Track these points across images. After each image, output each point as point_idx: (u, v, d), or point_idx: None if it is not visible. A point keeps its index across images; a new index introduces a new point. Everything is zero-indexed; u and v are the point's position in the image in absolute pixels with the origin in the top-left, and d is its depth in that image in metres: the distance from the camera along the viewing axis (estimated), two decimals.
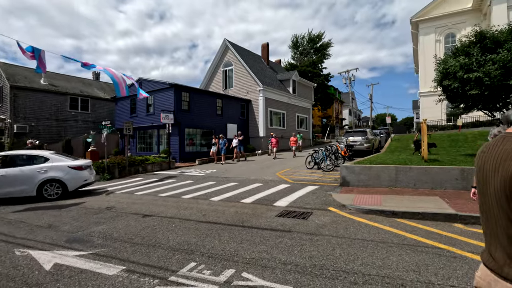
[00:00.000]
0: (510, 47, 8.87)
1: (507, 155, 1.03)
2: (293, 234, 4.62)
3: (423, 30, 30.20)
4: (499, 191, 1.04)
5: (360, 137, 16.84)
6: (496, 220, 1.07)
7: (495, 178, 1.06)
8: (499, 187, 1.03)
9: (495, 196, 1.06)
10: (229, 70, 25.64)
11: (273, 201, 7.12)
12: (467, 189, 7.51)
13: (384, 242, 4.18)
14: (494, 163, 1.08)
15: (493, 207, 1.08)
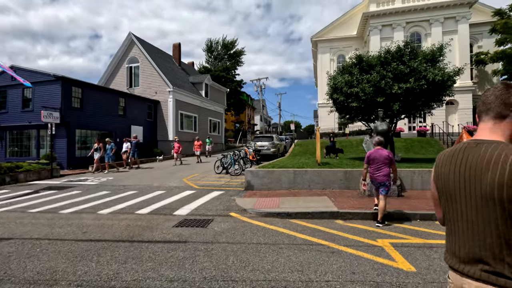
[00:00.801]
0: (379, 70, 10.86)
1: (486, 163, 1.09)
2: (188, 245, 4.33)
3: (321, 49, 34.54)
4: (483, 197, 1.09)
5: (267, 142, 17.82)
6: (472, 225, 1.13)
7: (476, 186, 1.11)
8: (484, 193, 1.09)
9: (475, 202, 1.12)
10: (135, 67, 23.49)
11: (173, 209, 6.66)
12: (349, 188, 8.72)
13: (276, 244, 4.33)
14: (473, 172, 1.13)
15: (470, 213, 1.14)
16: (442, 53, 11.33)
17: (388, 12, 28.04)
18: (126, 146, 15.30)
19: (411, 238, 4.56)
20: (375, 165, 5.46)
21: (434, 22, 27.35)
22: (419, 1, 27.69)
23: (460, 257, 1.18)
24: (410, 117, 13.18)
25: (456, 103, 26.85)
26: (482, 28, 28.25)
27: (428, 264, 3.54)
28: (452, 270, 1.23)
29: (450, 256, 1.24)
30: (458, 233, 1.20)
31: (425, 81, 10.21)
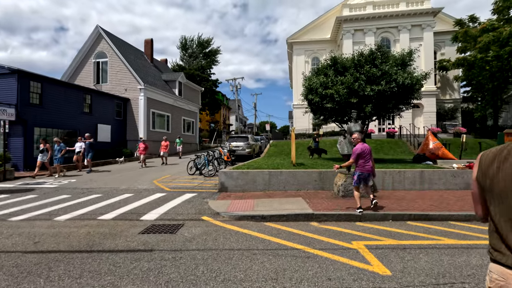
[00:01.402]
0: (352, 72, 11.05)
1: None
2: (154, 254, 3.98)
3: (296, 51, 34.95)
4: None
5: (242, 142, 17.59)
6: None
7: None
8: None
9: None
10: (103, 63, 22.19)
11: (140, 214, 6.21)
12: (324, 188, 8.73)
13: (250, 250, 4.11)
14: None
15: None
16: (411, 57, 11.78)
17: (360, 17, 28.97)
18: (79, 146, 13.86)
19: (385, 240, 4.55)
20: (364, 159, 5.93)
21: (402, 29, 28.69)
22: (389, 8, 28.92)
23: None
24: (380, 119, 13.61)
25: (421, 107, 28.32)
26: (445, 37, 30.11)
27: (402, 267, 3.51)
28: (500, 265, 1.26)
29: (499, 253, 1.27)
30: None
31: (396, 84, 10.53)
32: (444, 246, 4.25)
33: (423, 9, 28.01)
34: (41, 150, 12.36)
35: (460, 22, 26.30)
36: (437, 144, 12.88)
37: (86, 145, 13.94)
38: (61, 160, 12.44)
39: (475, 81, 26.72)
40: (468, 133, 25.58)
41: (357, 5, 29.74)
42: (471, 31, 23.72)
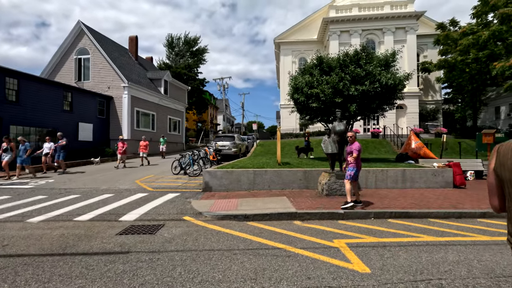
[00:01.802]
0: (337, 72, 11.14)
1: None
2: (130, 255, 3.84)
3: (284, 51, 35.08)
4: None
5: (228, 142, 17.46)
6: None
7: None
8: None
9: None
10: (85, 59, 21.53)
11: (120, 215, 6.01)
12: (308, 187, 8.75)
13: (230, 250, 4.03)
14: None
15: None
16: (394, 58, 11.99)
17: (346, 19, 29.36)
18: (48, 146, 12.96)
19: (366, 238, 4.57)
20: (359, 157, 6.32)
21: (387, 31, 29.28)
22: (374, 11, 29.44)
23: None
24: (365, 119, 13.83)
25: (405, 107, 29.00)
26: (428, 40, 30.94)
27: (382, 264, 3.51)
28: None
29: None
30: None
31: (379, 84, 10.69)
32: (423, 243, 4.30)
33: (406, 12, 28.68)
34: (5, 149, 11.44)
35: (442, 25, 27.09)
36: (419, 144, 13.19)
37: (58, 146, 12.84)
38: (28, 160, 11.62)
39: (455, 83, 27.59)
40: (449, 133, 26.39)
41: (343, 7, 30.13)
42: (452, 34, 24.46)
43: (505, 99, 30.01)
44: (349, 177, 6.12)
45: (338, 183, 7.58)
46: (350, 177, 6.12)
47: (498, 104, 31.37)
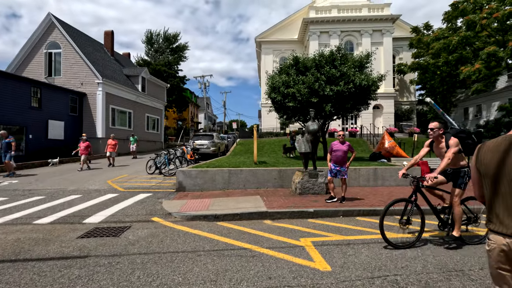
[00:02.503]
0: (313, 72, 11.28)
1: None
2: (89, 260, 3.68)
3: (265, 50, 35.15)
4: None
5: (207, 140, 17.26)
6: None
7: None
8: None
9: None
10: (56, 54, 20.53)
11: (84, 217, 5.77)
12: (283, 186, 8.80)
13: (195, 252, 3.96)
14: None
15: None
16: (369, 60, 12.30)
17: (325, 19, 29.84)
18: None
19: (332, 236, 4.65)
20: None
21: (364, 33, 30.05)
22: (352, 13, 30.12)
23: (504, 224, 1.52)
24: (343, 118, 14.09)
25: (381, 107, 29.93)
26: (403, 42, 32.08)
27: (343, 262, 3.58)
28: (494, 233, 1.57)
29: (494, 224, 1.58)
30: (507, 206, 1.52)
31: (353, 85, 10.94)
32: None
33: (382, 15, 29.55)
34: None
35: (416, 29, 28.15)
36: (392, 143, 13.63)
37: (3, 144, 11.47)
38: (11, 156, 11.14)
39: (428, 85, 28.79)
40: (422, 133, 27.51)
41: (323, 8, 30.60)
42: (424, 38, 25.47)
43: (473, 101, 31.68)
44: (346, 175, 6.77)
45: (311, 181, 7.68)
46: (346, 175, 6.78)
47: (466, 106, 33.07)
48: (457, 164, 4.13)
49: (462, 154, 4.15)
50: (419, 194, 4.27)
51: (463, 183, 4.10)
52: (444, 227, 4.32)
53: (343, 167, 6.64)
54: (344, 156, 6.65)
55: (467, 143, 4.13)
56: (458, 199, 4.10)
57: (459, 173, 4.13)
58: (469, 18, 18.04)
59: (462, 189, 4.10)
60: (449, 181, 4.21)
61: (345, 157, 6.69)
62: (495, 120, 25.71)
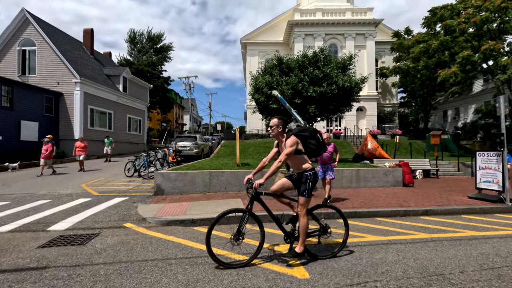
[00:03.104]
0: (296, 73, 11.20)
1: None
2: (46, 272, 3.34)
3: (250, 51, 35.04)
4: None
5: (189, 142, 16.89)
6: None
7: None
8: None
9: None
10: (31, 52, 19.59)
11: (50, 224, 5.36)
12: (266, 188, 8.51)
13: (166, 260, 3.69)
14: None
15: None
16: (351, 62, 12.36)
17: (310, 22, 30.08)
18: None
19: (312, 240, 4.48)
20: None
21: (348, 37, 30.50)
22: (336, 16, 30.52)
23: None
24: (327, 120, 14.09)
25: (364, 110, 30.42)
26: (385, 46, 32.81)
27: (322, 268, 3.41)
28: None
29: None
30: None
31: (336, 86, 10.93)
32: (366, 244, 4.31)
33: (365, 19, 30.12)
34: None
35: (397, 33, 28.82)
36: (374, 144, 13.76)
37: None
38: None
39: (409, 88, 29.50)
40: (404, 134, 28.16)
41: (307, 11, 30.84)
42: (405, 42, 26.10)
43: (452, 104, 32.77)
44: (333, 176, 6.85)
45: None
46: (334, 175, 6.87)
47: (445, 108, 34.17)
48: (300, 168, 3.56)
49: (304, 156, 3.56)
50: (259, 203, 3.73)
51: (306, 189, 3.50)
52: (290, 240, 3.72)
53: (330, 167, 6.79)
54: (330, 157, 6.86)
55: (308, 144, 3.57)
56: (302, 209, 3.54)
57: (301, 178, 3.55)
58: (447, 23, 18.58)
59: (306, 196, 3.52)
60: (296, 187, 3.68)
61: (331, 158, 6.87)
62: (472, 122, 26.64)
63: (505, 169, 6.92)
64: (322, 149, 3.67)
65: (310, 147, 3.58)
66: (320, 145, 3.64)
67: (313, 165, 3.67)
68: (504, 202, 6.73)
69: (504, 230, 5.08)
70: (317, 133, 3.70)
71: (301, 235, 3.55)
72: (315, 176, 3.58)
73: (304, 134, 3.57)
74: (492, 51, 17.05)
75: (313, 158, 3.70)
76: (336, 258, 3.73)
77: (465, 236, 4.71)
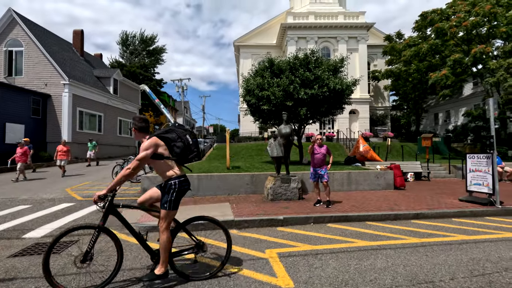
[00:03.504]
0: (288, 75, 11.10)
1: None
2: (13, 284, 3.11)
3: (243, 54, 34.98)
4: None
5: None
6: None
7: None
8: None
9: None
10: (18, 52, 19.15)
11: (26, 231, 5.10)
12: (256, 192, 8.45)
13: (142, 269, 3.49)
14: None
15: None
16: (343, 64, 12.33)
17: (303, 25, 30.18)
18: None
19: (300, 245, 4.33)
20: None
21: (341, 40, 30.68)
22: (329, 19, 30.69)
23: None
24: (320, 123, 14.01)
25: (357, 113, 30.54)
26: (377, 50, 33.09)
27: (308, 277, 3.25)
28: None
29: None
30: None
31: (327, 89, 10.86)
32: (355, 249, 4.17)
33: (357, 23, 30.35)
34: None
35: (389, 37, 29.10)
36: (366, 147, 13.72)
37: None
38: None
39: (401, 91, 29.76)
40: (396, 137, 28.33)
41: (300, 14, 30.96)
42: (397, 46, 26.34)
43: (443, 107, 33.15)
44: (328, 178, 6.78)
45: (283, 187, 7.39)
46: (327, 177, 6.77)
47: (437, 111, 34.55)
48: (164, 176, 3.02)
49: (168, 162, 2.97)
50: (115, 216, 3.12)
51: (168, 201, 2.95)
52: (156, 260, 3.13)
53: (323, 170, 6.73)
54: (323, 159, 6.77)
55: (173, 147, 2.97)
56: (163, 223, 2.99)
57: (165, 188, 3.01)
58: (439, 26, 18.80)
59: (167, 209, 2.95)
60: None
61: (324, 160, 6.80)
62: (463, 125, 26.95)
63: (495, 171, 6.89)
64: (191, 154, 3.07)
65: (174, 151, 2.97)
66: (188, 149, 3.03)
67: (182, 171, 3.08)
68: (494, 205, 6.69)
69: (494, 233, 5.01)
70: (187, 135, 3.09)
71: (162, 254, 2.99)
72: (181, 184, 3.00)
73: (169, 136, 2.99)
74: (482, 54, 17.28)
75: (182, 164, 3.10)
76: (323, 265, 3.58)
77: (455, 240, 4.62)
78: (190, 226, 3.44)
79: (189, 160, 3.12)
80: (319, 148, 6.81)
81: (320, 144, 6.85)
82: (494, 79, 17.39)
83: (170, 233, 3.06)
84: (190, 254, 3.33)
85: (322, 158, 6.75)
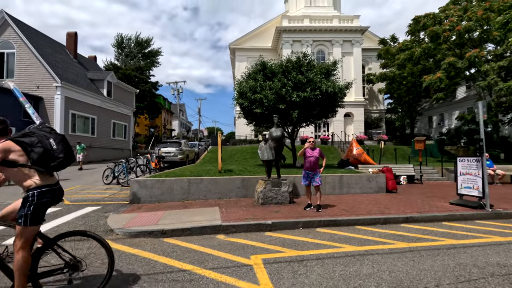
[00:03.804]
0: (280, 78, 11.08)
1: None
2: None
3: (239, 57, 35.01)
4: None
5: (174, 148, 16.52)
6: None
7: None
8: None
9: None
10: (9, 54, 18.95)
11: (6, 237, 4.95)
12: (247, 196, 8.37)
13: (123, 277, 3.39)
14: None
15: None
16: (335, 67, 12.35)
17: (298, 29, 30.31)
18: None
19: (287, 251, 4.26)
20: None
21: (335, 43, 30.84)
22: (324, 23, 30.86)
23: None
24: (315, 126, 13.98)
25: (352, 115, 30.64)
26: (372, 53, 33.30)
27: (291, 284, 3.18)
28: None
29: None
30: None
31: (320, 92, 10.85)
32: (342, 255, 4.11)
33: (352, 26, 30.56)
34: None
35: (383, 41, 29.32)
36: (359, 150, 13.72)
37: None
38: None
39: (396, 94, 29.93)
40: (390, 140, 28.42)
41: (295, 17, 31.10)
42: (391, 49, 26.55)
43: (436, 110, 33.40)
44: (320, 182, 6.73)
45: (273, 191, 7.32)
46: (320, 181, 6.72)
47: (431, 114, 34.81)
48: (22, 186, 2.59)
49: (24, 170, 2.53)
50: None
51: (23, 215, 2.49)
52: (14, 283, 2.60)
53: (316, 173, 6.67)
54: (317, 162, 6.72)
55: (30, 152, 2.51)
56: (18, 241, 2.52)
57: (23, 199, 2.56)
58: (433, 29, 18.95)
59: (22, 224, 2.49)
60: None
61: (317, 163, 6.74)
62: (456, 128, 27.15)
63: (485, 174, 6.89)
64: (53, 161, 2.60)
65: (31, 157, 2.52)
66: (50, 155, 2.57)
67: (49, 180, 2.65)
68: (484, 208, 6.68)
69: (483, 237, 4.98)
70: (51, 139, 2.64)
71: (17, 277, 2.52)
72: (41, 196, 2.55)
73: (26, 139, 2.53)
74: (476, 58, 17.44)
75: (47, 172, 2.62)
76: (308, 272, 3.50)
77: (444, 245, 4.57)
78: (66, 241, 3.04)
79: (52, 168, 2.62)
80: (311, 151, 6.74)
81: (312, 147, 6.78)
82: (485, 82, 17.54)
83: (29, 253, 2.59)
84: (63, 274, 2.93)
85: (315, 162, 6.70)
